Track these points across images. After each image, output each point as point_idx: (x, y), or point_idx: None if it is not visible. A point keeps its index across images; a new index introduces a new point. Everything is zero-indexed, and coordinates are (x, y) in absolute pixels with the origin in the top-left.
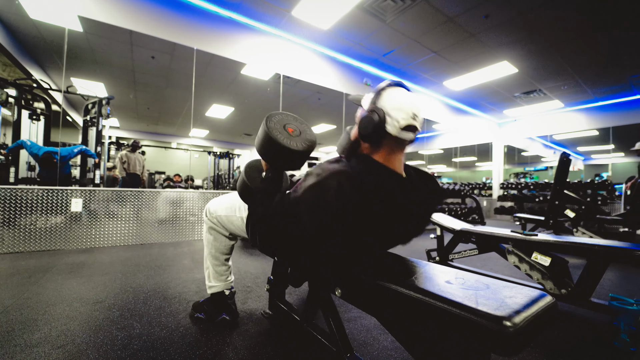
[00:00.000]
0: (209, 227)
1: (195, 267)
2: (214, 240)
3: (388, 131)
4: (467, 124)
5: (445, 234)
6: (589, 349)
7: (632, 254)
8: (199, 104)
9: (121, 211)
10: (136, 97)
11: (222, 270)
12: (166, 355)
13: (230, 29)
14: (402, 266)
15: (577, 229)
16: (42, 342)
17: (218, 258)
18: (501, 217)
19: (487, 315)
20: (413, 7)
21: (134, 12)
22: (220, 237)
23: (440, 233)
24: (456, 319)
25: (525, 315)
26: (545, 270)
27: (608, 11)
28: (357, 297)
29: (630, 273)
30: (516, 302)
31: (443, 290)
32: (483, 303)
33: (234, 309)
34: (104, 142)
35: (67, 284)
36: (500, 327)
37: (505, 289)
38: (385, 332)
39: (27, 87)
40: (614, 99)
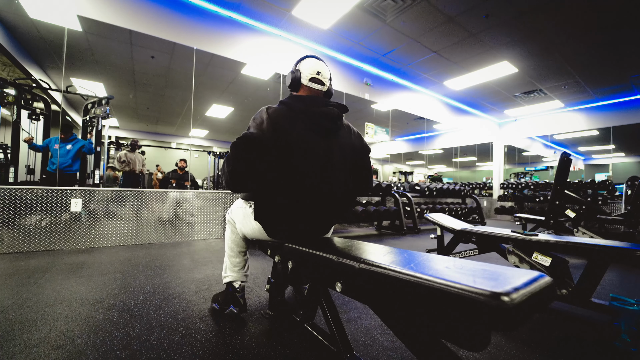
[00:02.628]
0: (228, 221)
1: (195, 267)
2: (231, 233)
3: (302, 82)
4: (468, 124)
5: (445, 234)
6: (589, 349)
7: (632, 254)
8: (198, 104)
9: (121, 211)
10: (136, 97)
11: (235, 262)
12: (166, 355)
13: (230, 29)
14: (401, 256)
15: (577, 229)
16: (42, 343)
17: (233, 249)
18: (501, 217)
19: (485, 291)
20: (413, 6)
21: (133, 12)
22: (236, 231)
23: (441, 233)
24: (455, 298)
25: (524, 292)
26: (546, 270)
27: (608, 11)
28: (357, 288)
29: (631, 273)
30: (515, 281)
31: (441, 273)
32: (481, 282)
33: (242, 302)
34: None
35: (66, 284)
36: (499, 302)
37: (506, 271)
38: (386, 332)
39: (27, 86)
40: (614, 99)
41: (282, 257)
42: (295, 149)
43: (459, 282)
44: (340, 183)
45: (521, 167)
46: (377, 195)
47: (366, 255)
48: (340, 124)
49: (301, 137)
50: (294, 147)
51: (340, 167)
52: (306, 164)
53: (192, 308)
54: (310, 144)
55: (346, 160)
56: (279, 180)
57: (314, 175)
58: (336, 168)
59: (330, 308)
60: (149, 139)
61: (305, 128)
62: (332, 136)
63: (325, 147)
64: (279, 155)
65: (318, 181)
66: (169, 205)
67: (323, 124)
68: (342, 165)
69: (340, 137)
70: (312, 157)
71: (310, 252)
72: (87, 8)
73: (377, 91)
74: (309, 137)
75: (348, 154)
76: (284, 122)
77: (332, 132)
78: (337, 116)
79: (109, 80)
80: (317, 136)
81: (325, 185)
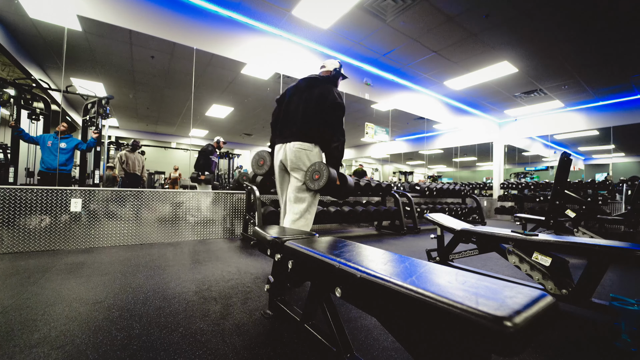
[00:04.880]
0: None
1: (195, 267)
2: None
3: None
4: (468, 124)
5: (445, 234)
6: (589, 349)
7: (633, 254)
8: (198, 104)
9: (121, 211)
10: (136, 97)
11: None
12: (166, 355)
13: (230, 29)
14: (402, 265)
15: (577, 229)
16: (42, 343)
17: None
18: (502, 217)
19: (488, 315)
20: (413, 6)
21: (133, 12)
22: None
23: (441, 233)
24: (456, 319)
25: (526, 316)
26: (546, 271)
27: (609, 11)
28: (357, 296)
29: (631, 273)
30: (517, 302)
31: (443, 289)
32: (483, 303)
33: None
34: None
35: (66, 284)
36: (501, 327)
37: (506, 289)
38: (386, 332)
39: (27, 86)
40: (614, 99)
41: (282, 256)
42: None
43: (460, 302)
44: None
45: (521, 167)
46: (377, 195)
47: (367, 263)
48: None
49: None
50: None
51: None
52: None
53: (192, 308)
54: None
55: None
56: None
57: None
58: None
59: (331, 308)
60: (148, 139)
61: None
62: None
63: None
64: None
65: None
66: (168, 205)
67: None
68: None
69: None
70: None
71: (311, 254)
72: (86, 8)
73: (377, 91)
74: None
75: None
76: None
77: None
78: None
79: (109, 80)
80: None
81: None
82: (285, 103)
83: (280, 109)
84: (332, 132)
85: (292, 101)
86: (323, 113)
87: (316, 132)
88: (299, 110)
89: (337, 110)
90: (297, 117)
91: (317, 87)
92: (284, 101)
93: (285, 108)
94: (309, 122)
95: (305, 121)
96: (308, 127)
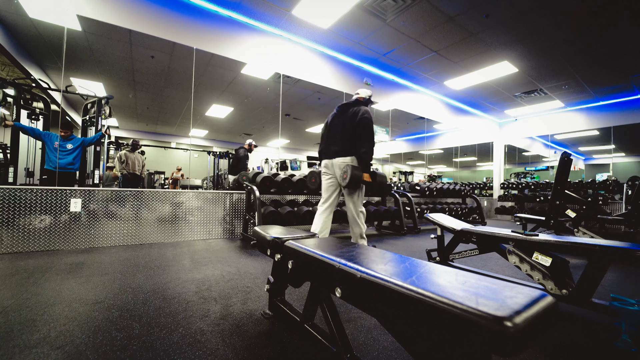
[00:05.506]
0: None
1: (195, 267)
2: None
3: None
4: (468, 124)
5: (445, 234)
6: (589, 349)
7: (633, 254)
8: (198, 104)
9: (120, 211)
10: (135, 97)
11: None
12: (165, 355)
13: (230, 29)
14: (403, 266)
15: (578, 229)
16: (41, 343)
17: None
18: (502, 217)
19: (488, 315)
20: (413, 6)
21: (133, 12)
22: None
23: (441, 233)
24: (457, 319)
25: (526, 316)
26: (546, 271)
27: (609, 10)
28: (357, 296)
29: (632, 273)
30: (517, 302)
31: (443, 290)
32: (484, 303)
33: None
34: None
35: (66, 284)
36: (501, 327)
37: (506, 289)
38: (386, 332)
39: (26, 86)
40: (615, 99)
41: (282, 256)
42: None
43: (461, 302)
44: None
45: (521, 167)
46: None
47: (367, 263)
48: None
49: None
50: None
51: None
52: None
53: (192, 308)
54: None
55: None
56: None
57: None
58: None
59: (331, 308)
60: (148, 139)
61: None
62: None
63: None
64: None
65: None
66: (168, 205)
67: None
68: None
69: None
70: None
71: (311, 254)
72: (86, 8)
73: (377, 91)
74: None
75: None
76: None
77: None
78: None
79: (109, 80)
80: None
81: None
82: (328, 127)
83: (324, 132)
84: (362, 141)
85: (333, 124)
86: (357, 128)
87: (352, 146)
88: (338, 131)
89: (366, 122)
90: (337, 137)
91: (351, 109)
92: (327, 125)
93: (328, 131)
94: (346, 139)
95: (343, 139)
96: (346, 143)
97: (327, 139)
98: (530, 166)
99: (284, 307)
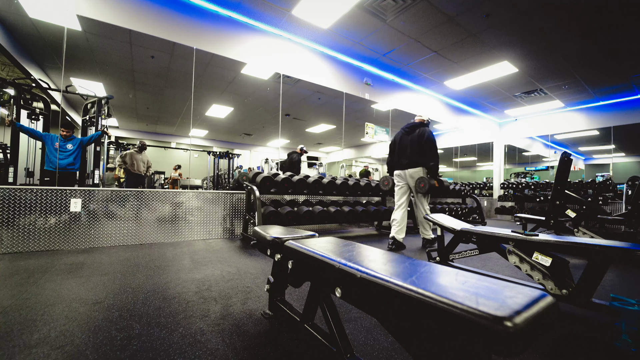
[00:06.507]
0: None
1: (195, 267)
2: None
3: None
4: (468, 124)
5: (445, 234)
6: (589, 349)
7: (633, 254)
8: (198, 104)
9: (120, 211)
10: (135, 97)
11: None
12: (165, 355)
13: (230, 29)
14: (403, 265)
15: (578, 229)
16: (41, 343)
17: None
18: (502, 217)
19: (488, 315)
20: (413, 6)
21: (133, 12)
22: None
23: (441, 233)
24: (457, 319)
25: (526, 316)
26: (546, 271)
27: (609, 10)
28: (357, 296)
29: (632, 273)
30: (517, 302)
31: (443, 290)
32: (484, 303)
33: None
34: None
35: (66, 284)
36: (501, 327)
37: (506, 289)
38: (386, 332)
39: (26, 86)
40: (615, 99)
41: (282, 256)
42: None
43: (461, 302)
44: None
45: (521, 167)
46: (377, 195)
47: (367, 263)
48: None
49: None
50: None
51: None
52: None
53: (192, 308)
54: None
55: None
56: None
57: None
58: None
59: (331, 308)
60: (148, 139)
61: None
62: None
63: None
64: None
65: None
66: (168, 205)
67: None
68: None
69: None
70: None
71: (311, 254)
72: (86, 8)
73: (377, 91)
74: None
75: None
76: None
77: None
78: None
79: (109, 80)
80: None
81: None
82: (398, 143)
83: (393, 147)
84: (429, 156)
85: (401, 141)
86: (425, 145)
87: (420, 159)
88: (407, 147)
89: (432, 141)
90: (407, 152)
91: (417, 129)
92: (397, 141)
93: (398, 147)
94: (414, 154)
95: (412, 153)
96: (414, 157)
97: (398, 152)
98: (530, 166)
99: (284, 307)
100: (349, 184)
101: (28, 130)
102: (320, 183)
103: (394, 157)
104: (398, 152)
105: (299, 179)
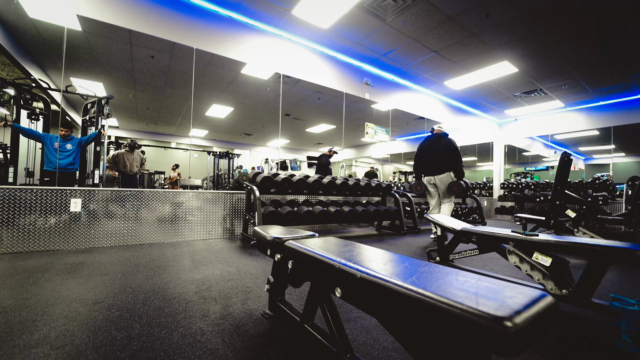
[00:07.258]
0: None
1: (195, 267)
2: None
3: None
4: (468, 124)
5: (445, 234)
6: (589, 349)
7: (633, 254)
8: (198, 104)
9: (120, 211)
10: (135, 97)
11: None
12: (165, 355)
13: (230, 29)
14: (403, 266)
15: (578, 229)
16: (41, 343)
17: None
18: (502, 217)
19: (488, 315)
20: (413, 6)
21: (133, 11)
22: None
23: (441, 233)
24: (457, 319)
25: (526, 316)
26: (546, 271)
27: (609, 10)
28: (357, 296)
29: (632, 273)
30: (517, 302)
31: (444, 290)
32: (484, 303)
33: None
34: (103, 142)
35: (66, 284)
36: (501, 327)
37: (506, 289)
38: (386, 332)
39: (26, 86)
40: (615, 99)
41: (282, 256)
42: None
43: (461, 302)
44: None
45: (521, 167)
46: (377, 195)
47: (367, 263)
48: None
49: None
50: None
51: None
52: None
53: (192, 308)
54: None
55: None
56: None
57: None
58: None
59: (331, 308)
60: (148, 139)
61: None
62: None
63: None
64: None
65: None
66: (168, 205)
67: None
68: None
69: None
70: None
71: (311, 254)
72: (86, 8)
73: (377, 91)
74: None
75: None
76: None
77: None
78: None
79: (109, 80)
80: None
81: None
82: (423, 152)
83: (421, 155)
84: (456, 163)
85: (427, 150)
86: (451, 155)
87: (447, 165)
88: (434, 155)
89: (457, 150)
90: (435, 159)
91: (442, 140)
92: (423, 150)
93: (424, 155)
94: (443, 161)
95: (441, 160)
96: (443, 163)
97: (426, 160)
98: (530, 166)
99: (284, 307)
100: (349, 184)
101: (26, 132)
102: (320, 183)
103: (421, 164)
104: (426, 160)
105: (299, 179)
